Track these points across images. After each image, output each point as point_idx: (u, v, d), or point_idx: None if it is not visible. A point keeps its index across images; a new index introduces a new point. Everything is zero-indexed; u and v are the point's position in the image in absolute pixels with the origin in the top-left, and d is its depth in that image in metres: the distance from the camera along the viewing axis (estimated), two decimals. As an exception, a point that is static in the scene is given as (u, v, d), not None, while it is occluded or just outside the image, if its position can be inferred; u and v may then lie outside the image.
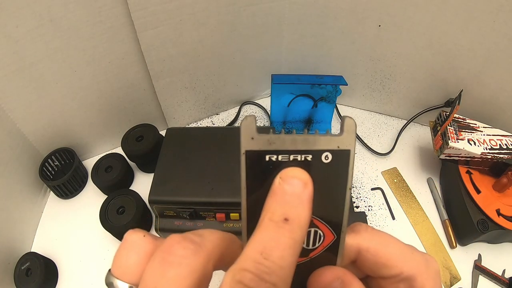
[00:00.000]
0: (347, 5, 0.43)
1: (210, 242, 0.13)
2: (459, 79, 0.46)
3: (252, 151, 0.12)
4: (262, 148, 0.12)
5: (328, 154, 0.12)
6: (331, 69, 0.49)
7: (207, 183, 0.30)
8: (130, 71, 0.42)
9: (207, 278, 0.12)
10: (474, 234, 0.40)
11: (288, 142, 0.12)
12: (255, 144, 0.12)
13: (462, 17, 0.40)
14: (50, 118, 0.41)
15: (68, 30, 0.36)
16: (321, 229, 0.13)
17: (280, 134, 0.12)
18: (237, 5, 0.41)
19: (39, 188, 0.44)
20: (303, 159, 0.12)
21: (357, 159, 0.48)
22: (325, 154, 0.12)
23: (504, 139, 0.44)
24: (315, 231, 0.13)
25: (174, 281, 0.11)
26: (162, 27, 0.39)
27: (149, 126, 0.45)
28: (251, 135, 0.12)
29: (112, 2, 0.35)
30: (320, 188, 0.12)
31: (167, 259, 0.12)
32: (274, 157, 0.12)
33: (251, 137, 0.12)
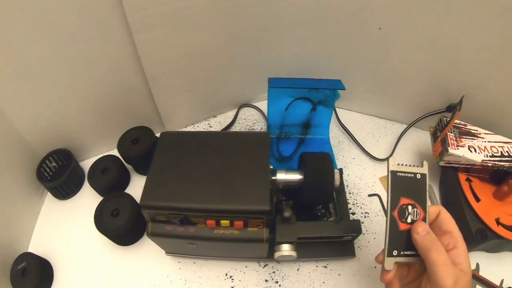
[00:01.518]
0: (348, 7, 0.42)
1: None
2: (461, 83, 0.45)
3: (393, 171, 0.27)
4: (397, 169, 0.27)
5: (419, 175, 0.27)
6: (331, 72, 0.48)
7: (198, 189, 0.30)
8: (127, 73, 0.41)
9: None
10: (472, 243, 0.39)
11: (408, 169, 0.28)
12: (395, 167, 0.27)
13: (466, 20, 0.39)
14: (48, 119, 0.42)
15: (65, 33, 0.36)
16: (418, 209, 0.27)
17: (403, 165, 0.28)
18: (237, 7, 0.40)
19: (37, 189, 0.44)
20: (413, 176, 0.27)
21: (354, 165, 0.47)
22: (418, 175, 0.27)
23: (506, 146, 0.43)
24: (416, 210, 0.27)
25: None
26: (159, 30, 0.38)
27: (145, 129, 0.45)
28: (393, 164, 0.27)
29: (107, 4, 0.35)
30: (417, 190, 0.27)
31: None
32: (402, 174, 0.27)
33: (392, 164, 0.27)
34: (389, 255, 0.26)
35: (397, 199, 0.26)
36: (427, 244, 0.25)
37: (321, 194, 0.35)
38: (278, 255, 0.31)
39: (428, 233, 0.26)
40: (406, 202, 0.27)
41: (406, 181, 0.27)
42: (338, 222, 0.35)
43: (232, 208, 0.29)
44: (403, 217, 0.26)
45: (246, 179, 0.31)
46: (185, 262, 0.39)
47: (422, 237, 0.25)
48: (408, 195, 0.27)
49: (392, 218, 0.26)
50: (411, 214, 0.27)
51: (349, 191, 0.45)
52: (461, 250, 0.26)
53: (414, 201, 0.27)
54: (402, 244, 0.26)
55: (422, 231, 0.26)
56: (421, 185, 0.27)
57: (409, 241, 0.26)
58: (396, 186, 0.27)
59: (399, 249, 0.26)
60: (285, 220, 0.32)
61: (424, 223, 0.26)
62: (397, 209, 0.26)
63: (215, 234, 0.31)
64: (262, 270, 0.38)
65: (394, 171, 0.27)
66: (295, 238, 0.32)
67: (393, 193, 0.26)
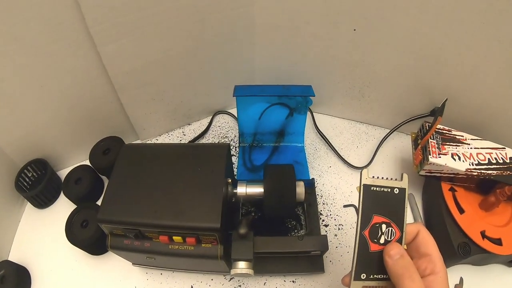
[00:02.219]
0: (319, 8, 0.40)
1: None
2: (445, 86, 0.42)
3: (366, 184, 0.24)
4: (371, 183, 0.24)
5: (397, 189, 0.24)
6: (306, 76, 0.46)
7: (152, 204, 0.30)
8: (96, 84, 0.42)
9: None
10: (454, 258, 0.37)
11: (385, 183, 0.24)
12: (368, 181, 0.24)
13: (446, 18, 0.36)
14: (23, 130, 0.43)
15: (31, 47, 0.36)
16: (393, 228, 0.24)
17: (379, 178, 0.24)
18: (200, 13, 0.39)
19: (16, 198, 0.46)
20: (390, 190, 0.24)
21: (330, 173, 0.46)
22: (395, 189, 0.24)
23: (494, 153, 0.39)
24: (391, 230, 0.24)
25: None
26: (122, 40, 0.38)
27: (116, 139, 0.45)
28: (367, 177, 0.24)
29: (70, 18, 0.35)
30: (394, 207, 0.24)
31: None
32: (377, 188, 0.24)
33: (366, 177, 0.24)
34: (356, 279, 0.23)
35: (369, 216, 0.24)
36: (399, 269, 0.22)
37: (280, 208, 0.33)
38: (233, 272, 0.30)
39: (402, 257, 0.23)
40: (380, 220, 0.24)
41: (381, 197, 0.24)
42: (302, 237, 0.33)
43: (182, 224, 0.29)
44: (375, 237, 0.23)
45: (199, 194, 0.30)
46: (152, 273, 0.39)
47: (395, 262, 0.23)
48: (382, 212, 0.24)
49: (362, 238, 0.23)
50: (385, 234, 0.24)
51: (323, 201, 0.43)
52: (439, 276, 0.23)
53: (390, 219, 0.24)
54: (372, 266, 0.23)
55: (395, 254, 0.23)
56: (399, 202, 0.24)
57: (381, 264, 0.23)
58: (369, 202, 0.24)
59: (368, 272, 0.23)
60: (242, 237, 0.31)
61: (399, 245, 0.23)
62: (369, 228, 0.23)
63: (170, 249, 0.31)
64: (228, 283, 0.38)
65: (367, 185, 0.24)
66: (252, 255, 0.31)
67: (364, 209, 0.23)
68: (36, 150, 0.45)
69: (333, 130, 0.50)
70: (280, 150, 0.46)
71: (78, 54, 0.38)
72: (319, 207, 0.42)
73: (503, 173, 0.37)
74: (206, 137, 0.51)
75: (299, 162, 0.45)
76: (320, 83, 0.45)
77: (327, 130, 0.49)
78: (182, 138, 0.51)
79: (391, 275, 0.23)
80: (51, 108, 0.42)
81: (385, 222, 0.24)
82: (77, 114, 0.44)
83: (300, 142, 0.46)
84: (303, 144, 0.47)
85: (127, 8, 0.35)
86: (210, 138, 0.51)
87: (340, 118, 0.51)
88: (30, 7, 0.32)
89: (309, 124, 0.51)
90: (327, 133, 0.49)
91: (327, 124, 0.50)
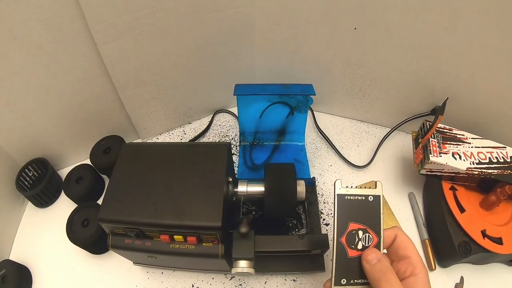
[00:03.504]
0: (319, 7, 0.40)
1: None
2: (446, 85, 0.41)
3: (339, 194, 0.25)
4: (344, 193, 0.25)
5: (371, 197, 0.26)
6: (307, 75, 0.46)
7: (153, 203, 0.30)
8: (96, 83, 0.42)
9: None
10: (454, 257, 0.37)
11: (358, 191, 0.26)
12: (342, 191, 0.25)
13: (447, 17, 0.36)
14: (24, 130, 0.43)
15: (31, 47, 0.36)
16: (370, 234, 0.25)
17: (353, 188, 0.26)
18: (199, 12, 0.39)
19: (17, 197, 0.46)
20: (364, 198, 0.25)
21: (331, 172, 0.45)
22: (370, 197, 0.26)
23: (495, 152, 0.39)
24: (368, 235, 0.25)
25: None
26: (122, 40, 0.38)
27: (116, 138, 0.45)
28: (340, 187, 0.26)
29: (71, 17, 0.35)
30: (370, 213, 0.25)
31: None
32: (351, 197, 0.25)
33: (339, 188, 0.25)
34: (336, 284, 0.24)
35: (345, 224, 0.25)
36: (377, 274, 0.23)
37: (281, 207, 0.33)
38: (234, 271, 0.30)
39: (379, 261, 0.24)
40: (356, 227, 0.25)
41: (355, 205, 0.25)
42: (302, 236, 0.33)
43: (183, 223, 0.29)
44: (352, 244, 0.25)
45: (200, 193, 0.30)
46: (153, 272, 0.39)
47: (372, 266, 0.24)
48: (358, 219, 0.25)
49: (339, 245, 0.25)
50: (362, 240, 0.25)
51: (324, 200, 0.43)
52: (419, 277, 0.24)
53: (366, 225, 0.25)
54: (352, 271, 0.25)
55: (372, 259, 0.24)
56: (375, 208, 0.25)
57: (361, 269, 0.24)
58: (344, 210, 0.25)
59: (348, 277, 0.24)
60: (243, 236, 0.31)
61: (376, 250, 0.24)
62: (345, 235, 0.25)
63: (171, 248, 0.31)
64: (229, 282, 0.38)
65: (341, 195, 0.25)
66: (252, 254, 0.31)
67: (339, 218, 0.25)
68: (36, 150, 0.45)
69: (334, 128, 0.50)
70: (280, 149, 0.46)
71: (79, 53, 0.38)
72: (320, 206, 0.42)
73: (503, 172, 0.37)
74: (206, 136, 0.51)
75: (300, 161, 0.45)
76: (320, 82, 0.45)
77: (327, 128, 0.49)
78: (183, 137, 0.51)
79: (369, 279, 0.24)
80: (51, 108, 0.42)
81: (361, 229, 0.25)
82: (78, 113, 0.44)
83: (301, 141, 0.46)
84: (303, 143, 0.47)
85: (127, 7, 0.35)
86: (211, 137, 0.51)
87: (341, 116, 0.51)
88: (29, 6, 0.32)
89: (309, 123, 0.51)
90: (327, 131, 0.49)
91: (327, 123, 0.50)
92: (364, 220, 0.25)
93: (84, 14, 0.34)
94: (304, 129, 0.46)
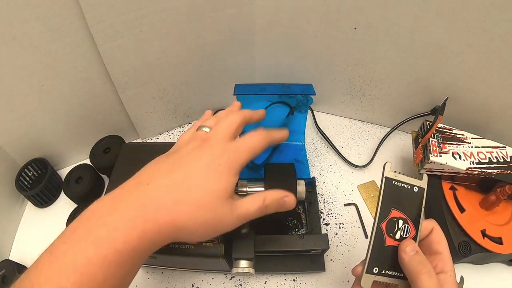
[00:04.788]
0: (319, 7, 0.40)
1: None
2: (446, 84, 0.41)
3: (388, 177, 0.24)
4: (393, 177, 0.24)
5: (416, 187, 0.25)
6: (306, 75, 0.46)
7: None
8: (96, 83, 0.42)
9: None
10: (454, 257, 0.36)
11: (405, 179, 0.25)
12: (391, 174, 0.24)
13: (447, 16, 0.36)
14: (23, 129, 0.43)
15: (30, 47, 0.36)
16: (409, 225, 0.24)
17: (400, 174, 0.25)
18: (199, 12, 0.39)
19: (17, 197, 0.46)
20: (410, 187, 0.25)
21: (331, 172, 0.45)
22: (415, 187, 0.25)
23: (495, 151, 0.39)
24: (407, 226, 0.24)
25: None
26: (122, 39, 0.38)
27: (116, 138, 0.45)
28: (389, 170, 0.24)
29: (70, 17, 0.35)
30: (412, 204, 0.24)
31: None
32: (398, 183, 0.24)
33: (388, 170, 0.24)
34: (368, 271, 0.23)
35: (387, 209, 0.23)
36: (416, 265, 0.22)
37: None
38: (235, 271, 0.30)
39: (417, 253, 0.23)
40: (398, 215, 0.23)
41: (401, 192, 0.24)
42: (302, 236, 0.33)
43: (183, 224, 0.29)
44: (391, 232, 0.23)
45: (200, 193, 0.30)
46: (153, 272, 0.39)
47: (411, 258, 0.22)
48: (401, 208, 0.23)
49: (378, 230, 0.23)
50: (401, 230, 0.23)
51: (324, 200, 0.43)
52: (449, 275, 0.23)
53: (406, 216, 0.24)
54: (385, 261, 0.23)
55: (410, 250, 0.22)
56: (417, 200, 0.24)
57: (394, 260, 0.23)
58: (389, 195, 0.23)
59: (380, 266, 0.23)
60: (243, 236, 0.31)
61: (413, 242, 0.23)
62: (386, 221, 0.23)
63: (171, 248, 0.31)
64: (229, 282, 0.38)
65: (389, 178, 0.24)
66: (252, 254, 0.31)
67: (384, 202, 0.23)
68: (36, 149, 0.45)
69: (334, 128, 0.50)
70: (280, 149, 0.46)
71: (78, 53, 0.38)
72: (320, 205, 0.42)
73: (503, 172, 0.37)
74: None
75: (300, 161, 0.45)
76: (320, 81, 0.45)
77: (327, 128, 0.49)
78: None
79: (407, 271, 0.22)
80: (51, 107, 0.42)
81: (402, 218, 0.23)
82: (77, 113, 0.44)
83: (301, 141, 0.46)
84: (303, 143, 0.47)
85: (127, 7, 0.35)
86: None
87: (341, 116, 0.51)
88: (29, 6, 0.32)
89: (309, 123, 0.51)
90: (327, 131, 0.49)
91: (327, 122, 0.50)
92: (406, 209, 0.24)
93: (83, 14, 0.34)
94: (304, 129, 0.46)
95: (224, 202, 0.23)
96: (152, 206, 0.21)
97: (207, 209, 0.22)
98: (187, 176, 0.22)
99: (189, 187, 0.22)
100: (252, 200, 0.25)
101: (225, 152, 0.24)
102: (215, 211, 0.22)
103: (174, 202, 0.21)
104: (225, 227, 0.24)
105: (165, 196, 0.21)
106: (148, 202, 0.21)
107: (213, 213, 0.22)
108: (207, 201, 0.22)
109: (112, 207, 0.21)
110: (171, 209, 0.21)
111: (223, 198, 0.23)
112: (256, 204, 0.25)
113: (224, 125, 0.26)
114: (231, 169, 0.23)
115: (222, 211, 0.23)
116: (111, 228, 0.20)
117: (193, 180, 0.22)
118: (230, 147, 0.24)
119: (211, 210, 0.22)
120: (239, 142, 0.25)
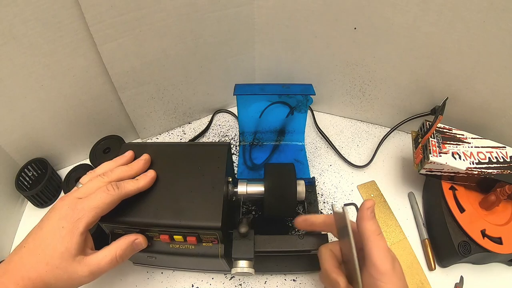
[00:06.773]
0: (319, 7, 0.40)
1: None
2: (446, 85, 0.41)
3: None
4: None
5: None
6: (306, 75, 0.46)
7: (153, 203, 0.30)
8: (96, 83, 0.42)
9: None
10: (454, 257, 0.37)
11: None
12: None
13: (447, 17, 0.36)
14: (23, 130, 0.43)
15: (31, 47, 0.36)
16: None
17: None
18: (199, 12, 0.39)
19: (17, 197, 0.46)
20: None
21: (331, 172, 0.46)
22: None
23: (495, 151, 0.39)
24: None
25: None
26: (122, 39, 0.38)
27: (116, 138, 0.45)
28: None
29: (70, 17, 0.35)
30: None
31: None
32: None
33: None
34: None
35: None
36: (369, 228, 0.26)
37: (281, 207, 0.33)
38: (234, 271, 0.30)
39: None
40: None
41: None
42: (302, 236, 0.33)
43: (183, 223, 0.29)
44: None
45: (200, 193, 0.30)
46: (153, 273, 0.39)
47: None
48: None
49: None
50: None
51: (323, 200, 0.43)
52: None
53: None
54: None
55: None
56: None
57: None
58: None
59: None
60: (243, 236, 0.31)
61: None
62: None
63: (171, 248, 0.31)
64: (229, 282, 0.38)
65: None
66: (252, 254, 0.31)
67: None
68: (36, 150, 0.45)
69: (334, 128, 0.50)
70: (280, 149, 0.46)
71: (78, 53, 0.38)
72: (320, 205, 0.42)
73: (503, 172, 0.37)
74: (206, 136, 0.51)
75: (300, 161, 0.45)
76: (320, 81, 0.45)
77: (327, 128, 0.49)
78: (183, 137, 0.51)
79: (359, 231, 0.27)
80: (51, 108, 0.42)
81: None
82: (77, 113, 0.44)
83: (301, 141, 0.46)
84: (303, 143, 0.47)
85: (127, 7, 0.35)
86: (211, 137, 0.51)
87: (341, 116, 0.51)
88: (29, 6, 0.32)
89: (309, 123, 0.51)
90: (327, 131, 0.49)
91: (327, 122, 0.50)
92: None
93: (83, 14, 0.34)
94: (303, 129, 0.46)
95: (71, 262, 0.25)
96: (26, 266, 0.24)
97: (59, 268, 0.25)
98: (42, 238, 0.25)
99: (43, 249, 0.25)
100: (104, 254, 0.27)
101: (69, 213, 0.26)
102: (66, 270, 0.25)
103: (37, 263, 0.25)
104: (79, 282, 0.26)
105: (32, 258, 0.25)
106: (24, 262, 0.25)
107: (64, 272, 0.25)
108: (56, 262, 0.25)
109: (5, 268, 0.25)
110: (36, 269, 0.24)
111: (69, 258, 0.25)
112: (109, 257, 0.27)
113: (86, 188, 0.28)
114: (74, 230, 0.25)
115: (72, 270, 0.25)
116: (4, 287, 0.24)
117: (46, 242, 0.25)
118: (76, 207, 0.26)
119: (62, 269, 0.25)
120: (84, 202, 0.26)
